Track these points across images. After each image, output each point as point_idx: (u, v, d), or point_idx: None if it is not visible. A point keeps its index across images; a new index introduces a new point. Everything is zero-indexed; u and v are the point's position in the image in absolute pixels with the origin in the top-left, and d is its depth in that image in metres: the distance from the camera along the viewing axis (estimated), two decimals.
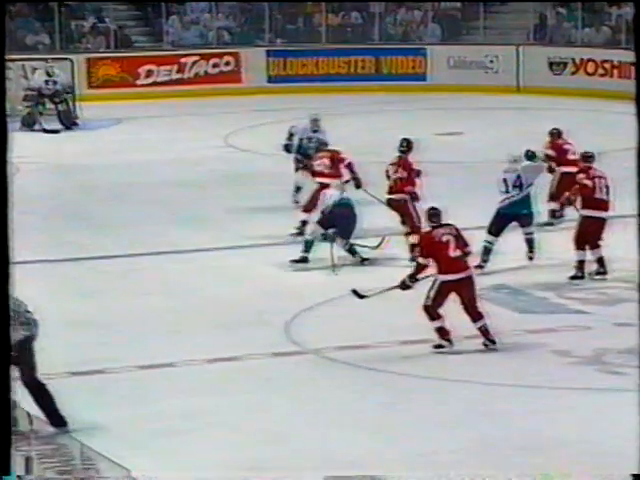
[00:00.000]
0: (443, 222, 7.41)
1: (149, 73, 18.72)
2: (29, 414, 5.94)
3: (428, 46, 19.43)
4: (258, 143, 14.46)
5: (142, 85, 18.59)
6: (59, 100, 15.47)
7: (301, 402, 6.52)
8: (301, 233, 9.74)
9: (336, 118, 15.84)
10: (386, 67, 19.32)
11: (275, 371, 6.99)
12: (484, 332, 7.25)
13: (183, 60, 18.97)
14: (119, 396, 6.59)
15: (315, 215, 9.41)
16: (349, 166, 10.20)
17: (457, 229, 7.44)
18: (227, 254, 9.57)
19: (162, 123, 15.88)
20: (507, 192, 9.14)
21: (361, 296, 7.60)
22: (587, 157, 8.99)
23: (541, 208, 9.70)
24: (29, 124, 15.49)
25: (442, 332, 7.24)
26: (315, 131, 11.21)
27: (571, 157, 10.27)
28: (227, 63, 19.15)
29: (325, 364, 7.09)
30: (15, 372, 5.56)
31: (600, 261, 8.67)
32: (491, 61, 18.91)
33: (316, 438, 6.00)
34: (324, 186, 9.78)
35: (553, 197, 10.17)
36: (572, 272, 8.63)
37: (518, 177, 9.16)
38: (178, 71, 18.91)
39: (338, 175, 10.04)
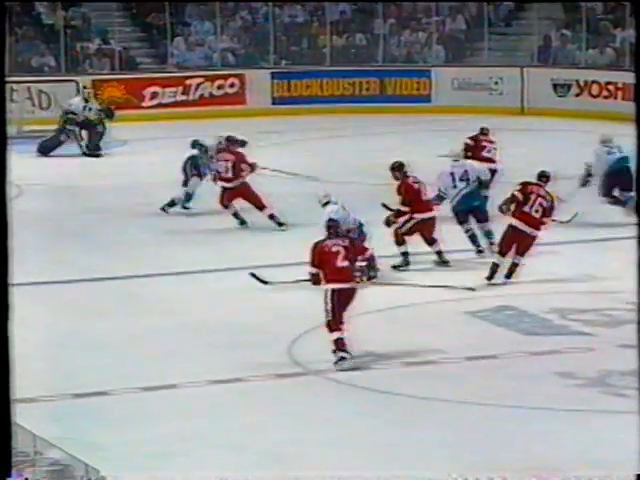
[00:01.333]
0: (340, 234, 7.79)
1: (154, 95, 18.79)
2: (34, 435, 5.94)
3: (432, 68, 19.50)
4: (262, 165, 14.48)
5: (147, 107, 18.67)
6: (92, 126, 15.54)
7: (303, 423, 6.50)
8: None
9: (341, 140, 15.91)
10: (390, 89, 19.39)
11: (277, 392, 6.98)
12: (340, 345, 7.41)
13: (188, 82, 19.05)
14: (119, 418, 6.58)
15: None
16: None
17: (352, 241, 7.83)
18: (228, 275, 9.56)
19: (167, 145, 15.91)
20: (454, 187, 9.80)
21: (263, 282, 7.74)
22: (541, 176, 9.27)
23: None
24: (52, 147, 15.51)
25: (339, 344, 7.40)
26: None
27: (485, 154, 11.33)
28: (232, 85, 19.22)
29: (327, 385, 7.08)
30: None
31: (513, 266, 9.01)
32: (495, 83, 18.96)
33: (318, 459, 5.98)
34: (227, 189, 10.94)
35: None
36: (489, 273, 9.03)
37: (465, 171, 9.85)
38: (183, 93, 18.98)
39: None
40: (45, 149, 15.57)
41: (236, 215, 11.13)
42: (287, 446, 6.15)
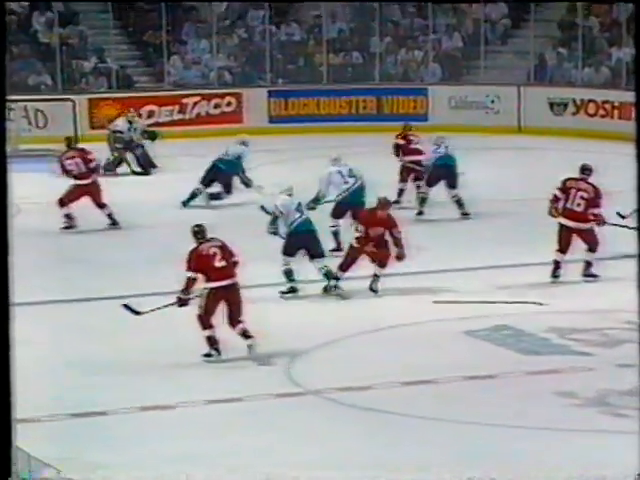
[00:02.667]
0: (208, 237, 8.06)
1: (151, 113, 18.83)
2: (29, 456, 5.95)
3: (429, 86, 19.59)
4: (259, 184, 14.52)
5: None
6: (135, 146, 15.64)
7: (303, 444, 6.52)
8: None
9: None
10: (387, 107, 19.48)
11: (276, 412, 7.00)
12: (245, 334, 7.89)
13: (184, 100, 19.11)
14: (118, 438, 6.59)
15: None
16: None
17: (222, 242, 8.07)
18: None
19: (163, 164, 15.97)
20: (346, 183, 10.56)
21: (136, 312, 7.91)
22: (583, 170, 9.44)
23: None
24: (113, 168, 15.56)
25: (211, 341, 7.86)
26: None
27: (414, 147, 12.96)
28: (228, 103, 19.28)
29: (327, 405, 7.10)
30: None
31: (587, 265, 9.44)
32: (492, 101, 19.05)
33: None
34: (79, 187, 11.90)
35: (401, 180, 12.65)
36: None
37: (350, 169, 10.66)
38: (180, 111, 19.04)
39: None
40: (109, 168, 15.60)
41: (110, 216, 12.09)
42: (287, 467, 6.17)
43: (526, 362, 7.81)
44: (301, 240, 9.36)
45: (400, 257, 9.12)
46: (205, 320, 7.87)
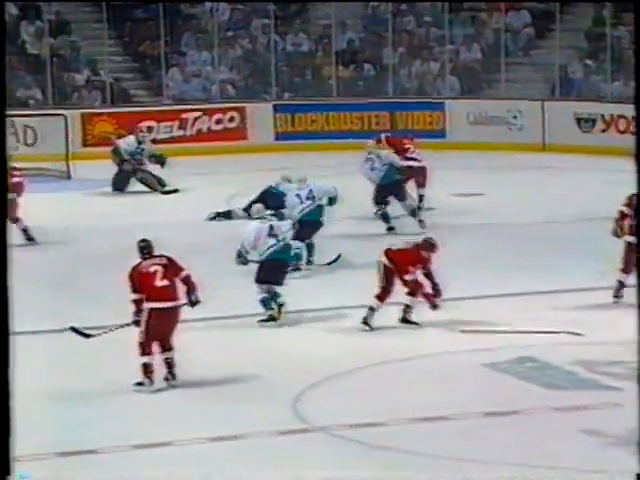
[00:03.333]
0: (155, 254, 8.15)
1: (148, 130, 18.89)
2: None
3: (446, 100, 19.67)
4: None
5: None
6: (138, 168, 15.76)
7: None
8: None
9: (349, 177, 16.00)
10: (401, 123, 19.53)
11: (281, 450, 7.00)
12: (169, 365, 8.02)
13: (185, 116, 19.23)
14: (111, 478, 6.60)
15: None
16: None
17: (169, 259, 8.14)
18: (228, 323, 9.63)
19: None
20: (302, 203, 11.51)
21: (85, 335, 8.02)
22: None
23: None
24: (125, 182, 15.71)
25: (146, 369, 7.92)
26: None
27: (410, 155, 13.99)
28: (231, 119, 19.39)
29: (334, 442, 7.10)
30: None
31: (620, 284, 9.65)
32: (514, 117, 19.11)
33: None
34: None
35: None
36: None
37: (310, 191, 11.68)
38: (180, 127, 19.16)
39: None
40: (119, 185, 15.71)
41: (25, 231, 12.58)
42: None
43: (550, 397, 7.80)
44: (271, 268, 9.62)
45: (436, 298, 9.23)
46: (144, 346, 7.95)
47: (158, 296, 7.97)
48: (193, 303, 8.15)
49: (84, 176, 16.49)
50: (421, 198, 14.18)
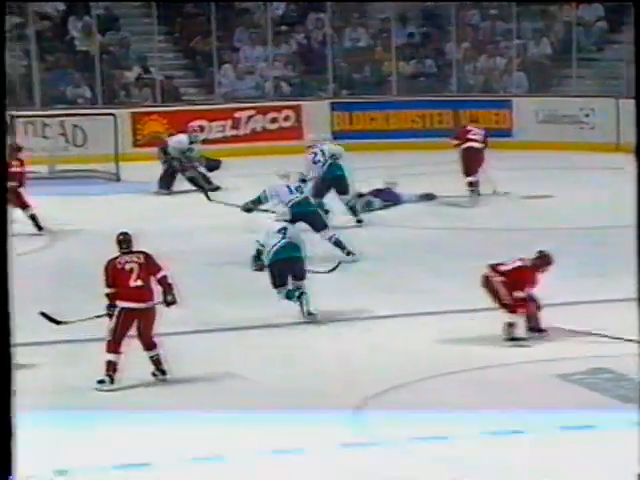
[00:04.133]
0: (134, 249, 8.36)
1: (200, 129, 19.07)
2: None
3: (513, 98, 19.59)
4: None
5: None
6: (186, 167, 15.92)
7: None
8: None
9: (409, 179, 16.01)
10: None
11: (342, 464, 7.02)
12: (156, 362, 8.35)
13: (237, 115, 19.31)
14: None
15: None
16: None
17: (147, 257, 8.33)
18: (281, 331, 9.68)
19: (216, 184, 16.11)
20: (291, 194, 11.82)
21: (56, 322, 8.18)
22: None
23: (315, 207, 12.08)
24: (169, 186, 15.92)
25: (109, 367, 8.20)
26: None
27: (471, 136, 14.96)
28: (286, 118, 19.45)
29: (400, 456, 7.13)
30: None
31: None
32: (586, 115, 18.98)
33: None
34: None
35: (466, 172, 14.70)
36: None
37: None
38: (232, 127, 19.24)
39: None
40: (165, 183, 15.92)
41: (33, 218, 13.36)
42: None
43: (626, 411, 7.74)
44: (284, 267, 9.84)
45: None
46: (111, 344, 8.21)
47: (130, 297, 8.23)
48: (168, 303, 8.33)
49: (133, 178, 16.64)
50: (472, 184, 14.30)
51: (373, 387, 8.17)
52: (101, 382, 8.21)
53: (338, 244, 11.83)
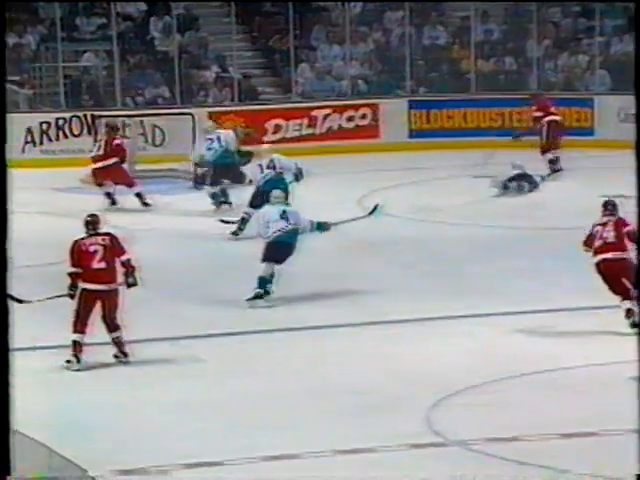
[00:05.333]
0: (101, 231, 8.65)
1: (277, 128, 19.08)
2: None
3: (595, 96, 19.30)
4: (398, 206, 14.57)
5: (269, 142, 18.98)
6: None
7: None
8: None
9: (486, 178, 15.87)
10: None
11: (413, 465, 6.98)
12: (118, 344, 8.62)
13: (314, 113, 19.31)
14: None
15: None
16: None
17: (113, 239, 8.64)
18: (357, 330, 9.68)
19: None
20: (262, 172, 13.02)
21: (18, 300, 8.23)
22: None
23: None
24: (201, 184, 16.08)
25: (75, 347, 8.44)
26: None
27: (554, 110, 15.98)
28: (363, 116, 19.40)
29: (472, 458, 7.06)
30: None
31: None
32: None
33: None
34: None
35: (547, 147, 15.22)
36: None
37: (272, 160, 13.24)
38: (309, 125, 19.24)
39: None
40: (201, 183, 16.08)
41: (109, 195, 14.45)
42: None
43: None
44: (282, 250, 10.43)
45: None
46: (78, 323, 8.46)
47: (92, 278, 8.49)
48: (129, 285, 8.62)
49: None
50: (553, 161, 14.27)
51: (447, 388, 8.11)
52: (68, 362, 8.47)
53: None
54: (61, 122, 17.73)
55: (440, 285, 10.95)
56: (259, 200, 13.02)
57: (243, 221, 13.31)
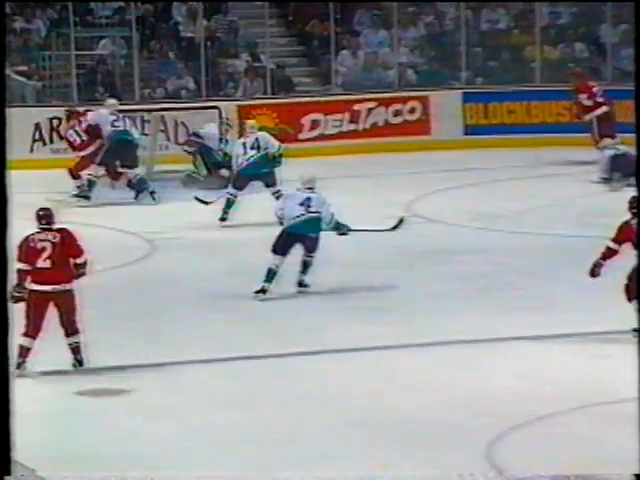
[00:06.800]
0: (56, 227, 8.74)
1: (314, 124, 19.08)
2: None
3: None
4: (451, 212, 14.54)
5: (306, 139, 19.00)
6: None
7: None
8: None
9: (555, 180, 15.82)
10: (621, 114, 19.10)
11: None
12: (74, 349, 8.78)
13: (357, 107, 19.28)
14: None
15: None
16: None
17: (66, 236, 8.73)
18: (410, 352, 9.68)
19: (329, 186, 16.08)
20: (245, 153, 13.91)
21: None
22: None
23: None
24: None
25: (22, 351, 8.59)
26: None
27: (601, 98, 16.85)
28: (412, 110, 19.37)
29: None
30: None
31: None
32: None
33: None
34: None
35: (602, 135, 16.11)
36: None
37: (256, 139, 14.01)
38: (351, 121, 19.23)
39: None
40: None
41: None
42: None
43: None
44: (293, 241, 11.02)
45: None
46: (28, 327, 8.62)
47: (36, 278, 8.64)
48: (77, 277, 8.81)
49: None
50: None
51: (508, 418, 8.08)
52: (18, 367, 8.55)
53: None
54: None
55: (500, 301, 10.91)
56: (242, 181, 14.16)
57: (228, 203, 14.07)
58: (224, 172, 15.77)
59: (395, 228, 11.95)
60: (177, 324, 10.39)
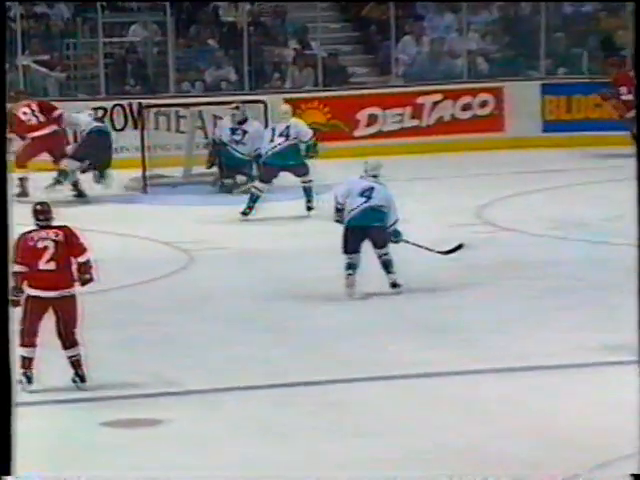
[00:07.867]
0: (56, 224, 8.71)
1: (372, 119, 19.13)
2: None
3: None
4: (528, 219, 14.43)
5: (362, 137, 19.03)
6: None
7: None
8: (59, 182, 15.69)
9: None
10: None
11: None
12: (74, 364, 8.74)
13: (420, 100, 19.34)
14: None
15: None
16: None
17: (69, 234, 8.67)
18: (483, 379, 9.55)
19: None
20: (272, 141, 14.56)
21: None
22: None
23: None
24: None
25: (24, 363, 8.60)
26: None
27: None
28: (483, 104, 19.39)
29: None
30: None
31: None
32: None
33: None
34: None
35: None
36: None
37: (287, 127, 14.57)
38: (413, 116, 19.29)
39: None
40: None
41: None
42: None
43: None
44: (359, 235, 11.30)
45: None
46: (23, 336, 8.55)
47: (38, 282, 8.56)
48: (84, 282, 8.75)
49: (290, 181, 16.61)
50: None
51: (603, 455, 7.91)
52: (20, 382, 8.56)
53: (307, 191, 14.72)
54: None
55: (585, 320, 10.79)
56: (269, 174, 14.60)
57: (253, 197, 14.45)
58: (240, 179, 15.99)
59: (450, 252, 12.00)
60: (214, 345, 10.32)
